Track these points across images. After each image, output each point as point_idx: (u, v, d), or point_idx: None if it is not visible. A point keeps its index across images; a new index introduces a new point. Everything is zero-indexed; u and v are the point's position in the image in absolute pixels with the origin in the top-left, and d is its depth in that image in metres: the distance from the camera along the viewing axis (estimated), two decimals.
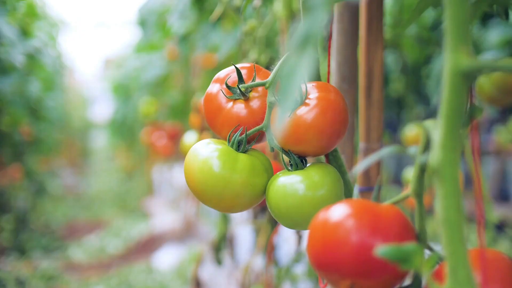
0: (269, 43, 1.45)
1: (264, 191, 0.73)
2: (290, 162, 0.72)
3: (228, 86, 0.75)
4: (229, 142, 0.73)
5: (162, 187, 6.19)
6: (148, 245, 4.42)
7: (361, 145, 1.04)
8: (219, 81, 0.77)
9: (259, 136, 0.75)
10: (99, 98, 14.34)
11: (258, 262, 1.40)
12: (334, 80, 1.05)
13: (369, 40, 1.02)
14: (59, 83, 6.30)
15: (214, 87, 0.77)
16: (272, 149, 0.74)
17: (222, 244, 1.44)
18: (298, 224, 0.72)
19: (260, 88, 0.75)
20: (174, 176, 5.15)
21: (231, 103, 0.75)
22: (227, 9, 1.27)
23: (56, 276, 3.58)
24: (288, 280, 1.34)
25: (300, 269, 1.39)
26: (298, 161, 0.71)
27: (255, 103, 0.75)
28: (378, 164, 1.04)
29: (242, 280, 1.41)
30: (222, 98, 0.76)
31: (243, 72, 0.76)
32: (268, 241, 1.39)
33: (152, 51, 4.13)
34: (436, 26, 1.98)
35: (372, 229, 0.55)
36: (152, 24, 2.53)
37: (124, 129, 7.34)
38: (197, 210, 3.72)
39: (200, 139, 1.54)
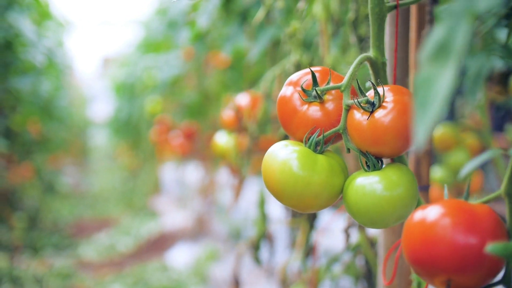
0: (308, 45, 1.47)
1: (340, 191, 0.75)
2: (367, 162, 0.74)
3: (303, 89, 0.77)
4: (305, 143, 0.76)
5: (170, 185, 6.20)
6: (159, 244, 4.43)
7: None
8: (293, 84, 0.80)
9: (335, 137, 0.78)
10: (97, 96, 14.34)
11: (296, 261, 1.43)
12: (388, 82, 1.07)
13: (420, 43, 1.05)
14: (64, 82, 6.32)
15: (287, 90, 0.80)
16: (348, 150, 0.77)
17: (261, 243, 1.47)
18: (375, 222, 0.74)
19: (333, 91, 0.78)
20: (186, 175, 5.16)
21: (306, 106, 0.77)
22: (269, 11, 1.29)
23: (71, 274, 3.60)
24: (327, 279, 1.36)
25: (337, 268, 1.41)
26: (375, 162, 0.74)
27: (329, 106, 0.77)
28: (429, 164, 1.07)
29: (281, 279, 1.43)
30: (296, 101, 0.78)
31: (316, 75, 0.79)
32: (307, 239, 1.41)
33: (161, 51, 4.15)
34: None
35: (468, 227, 0.57)
36: (182, 25, 2.56)
37: (129, 127, 7.35)
38: (210, 208, 3.75)
39: (237, 140, 1.56)
